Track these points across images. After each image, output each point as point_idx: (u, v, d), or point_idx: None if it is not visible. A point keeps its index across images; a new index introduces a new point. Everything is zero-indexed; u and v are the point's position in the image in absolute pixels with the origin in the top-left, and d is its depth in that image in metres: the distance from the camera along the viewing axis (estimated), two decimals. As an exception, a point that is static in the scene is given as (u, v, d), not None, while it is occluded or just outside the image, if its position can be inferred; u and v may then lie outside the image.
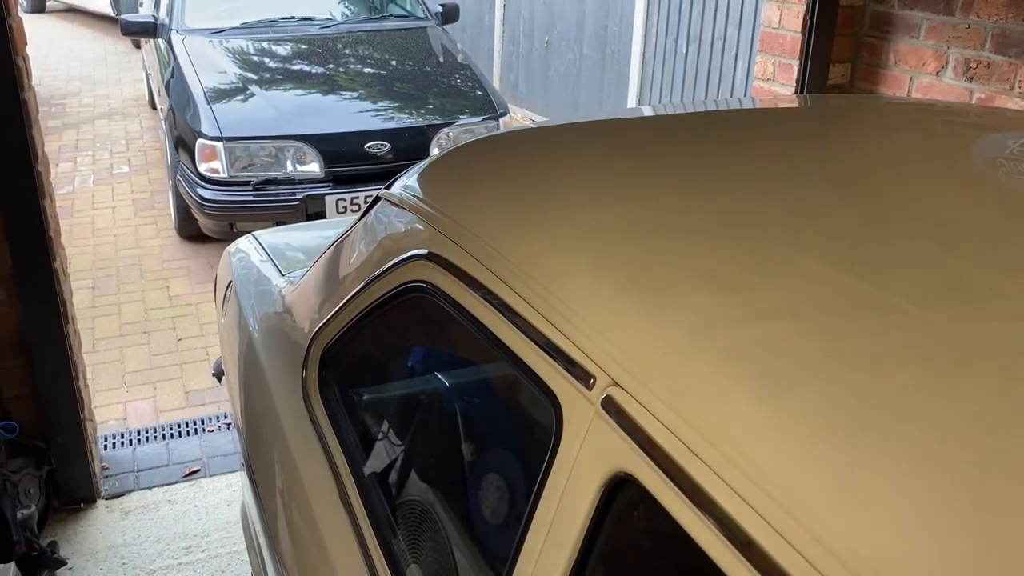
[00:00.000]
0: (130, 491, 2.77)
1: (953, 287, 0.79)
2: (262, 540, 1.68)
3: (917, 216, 0.94)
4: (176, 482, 2.83)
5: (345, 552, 1.23)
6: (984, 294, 0.78)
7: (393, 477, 1.25)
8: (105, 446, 2.98)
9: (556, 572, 0.75)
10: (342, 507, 1.28)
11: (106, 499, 2.73)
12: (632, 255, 0.87)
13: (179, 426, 3.13)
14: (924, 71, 3.07)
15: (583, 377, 0.78)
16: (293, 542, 1.45)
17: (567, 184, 1.09)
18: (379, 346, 1.31)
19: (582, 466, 0.76)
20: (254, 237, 2.26)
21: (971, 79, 2.91)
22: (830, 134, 1.34)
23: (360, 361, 1.36)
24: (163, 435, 3.08)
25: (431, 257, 1.11)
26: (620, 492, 0.73)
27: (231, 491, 2.78)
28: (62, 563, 2.42)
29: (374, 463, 1.28)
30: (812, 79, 3.27)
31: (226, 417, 3.18)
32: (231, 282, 2.10)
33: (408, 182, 1.30)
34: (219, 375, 2.32)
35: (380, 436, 1.28)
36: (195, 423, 3.15)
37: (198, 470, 2.89)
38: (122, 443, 3.03)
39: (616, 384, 0.75)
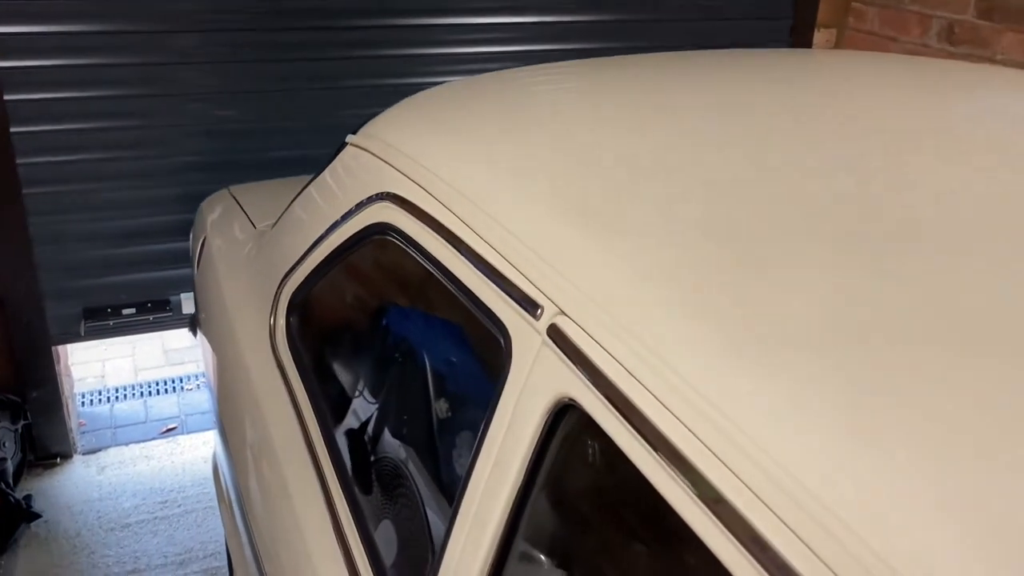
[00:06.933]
0: (107, 447, 2.77)
1: (910, 228, 0.79)
2: (232, 494, 1.68)
3: (869, 157, 0.94)
4: (153, 438, 2.83)
5: (310, 501, 1.24)
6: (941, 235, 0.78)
7: (358, 423, 1.25)
8: (83, 403, 2.98)
9: (502, 494, 0.76)
10: (307, 453, 1.28)
11: (83, 454, 2.73)
12: (582, 188, 0.87)
13: (157, 384, 3.13)
14: (909, 36, 3.06)
15: (531, 306, 0.78)
16: (261, 494, 1.45)
17: (525, 125, 1.09)
18: (344, 290, 1.31)
19: (529, 393, 0.76)
20: (228, 192, 2.24)
21: (954, 44, 2.90)
22: (808, 85, 1.34)
23: (325, 306, 1.36)
24: (141, 393, 3.08)
25: (392, 197, 1.10)
26: (564, 417, 0.73)
27: (208, 448, 2.78)
28: (37, 516, 2.42)
29: (338, 408, 1.28)
30: (797, 44, 3.26)
31: (205, 376, 3.18)
32: (205, 236, 2.09)
33: (373, 126, 1.29)
34: (194, 329, 2.32)
35: (344, 380, 1.28)
36: (173, 381, 3.15)
37: (176, 427, 2.89)
38: (99, 400, 3.03)
39: (563, 313, 0.75)
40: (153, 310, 2.66)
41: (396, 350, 1.13)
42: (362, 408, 1.22)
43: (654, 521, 0.68)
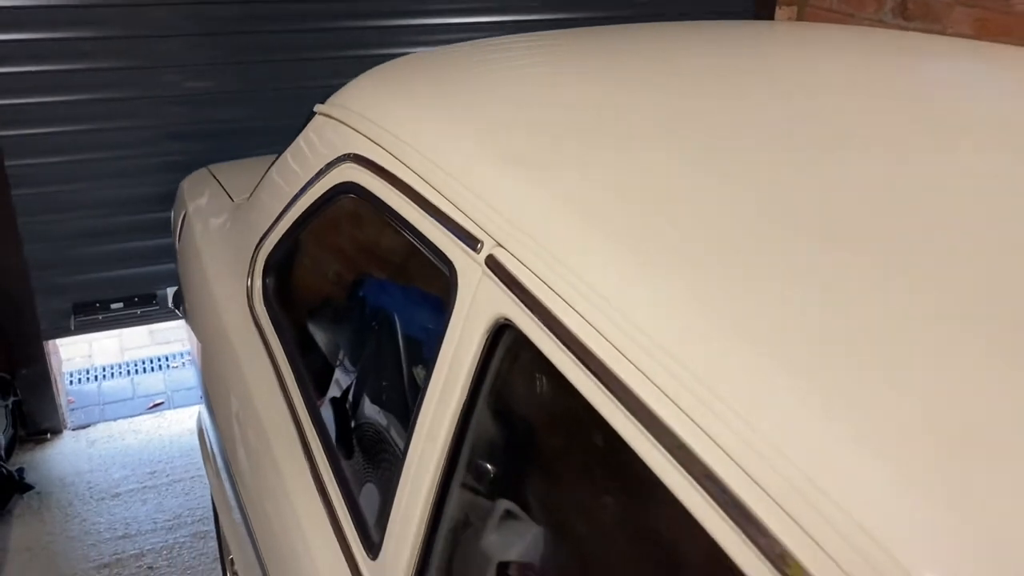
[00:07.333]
0: (96, 422, 2.86)
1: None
2: (216, 451, 1.78)
3: (777, 93, 1.05)
4: (141, 414, 2.92)
5: (289, 446, 1.33)
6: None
7: (332, 369, 1.35)
8: (71, 381, 3.06)
9: (451, 405, 0.86)
10: (285, 405, 1.38)
11: (72, 430, 2.82)
12: (520, 139, 0.97)
13: (143, 363, 3.22)
14: (865, 12, 3.17)
15: (472, 241, 0.88)
16: (243, 442, 1.54)
17: (476, 88, 1.19)
18: (315, 248, 1.41)
19: (472, 316, 0.86)
20: (207, 170, 2.33)
21: (907, 19, 3.01)
22: (753, 47, 1.44)
23: (298, 265, 1.46)
24: (128, 371, 3.17)
25: (356, 158, 1.20)
26: (502, 335, 0.83)
27: (194, 422, 2.87)
28: (29, 487, 2.51)
29: (313, 359, 1.38)
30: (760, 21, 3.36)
31: (190, 354, 3.27)
32: (186, 212, 2.18)
33: (339, 96, 1.38)
34: (178, 304, 2.41)
35: (318, 332, 1.38)
36: (159, 360, 3.24)
37: (162, 403, 2.98)
38: (88, 379, 3.11)
39: (499, 245, 0.85)
40: (140, 304, 2.78)
41: (363, 298, 1.23)
42: (335, 355, 1.31)
43: (576, 420, 0.78)
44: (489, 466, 0.88)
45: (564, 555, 0.83)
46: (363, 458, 1.15)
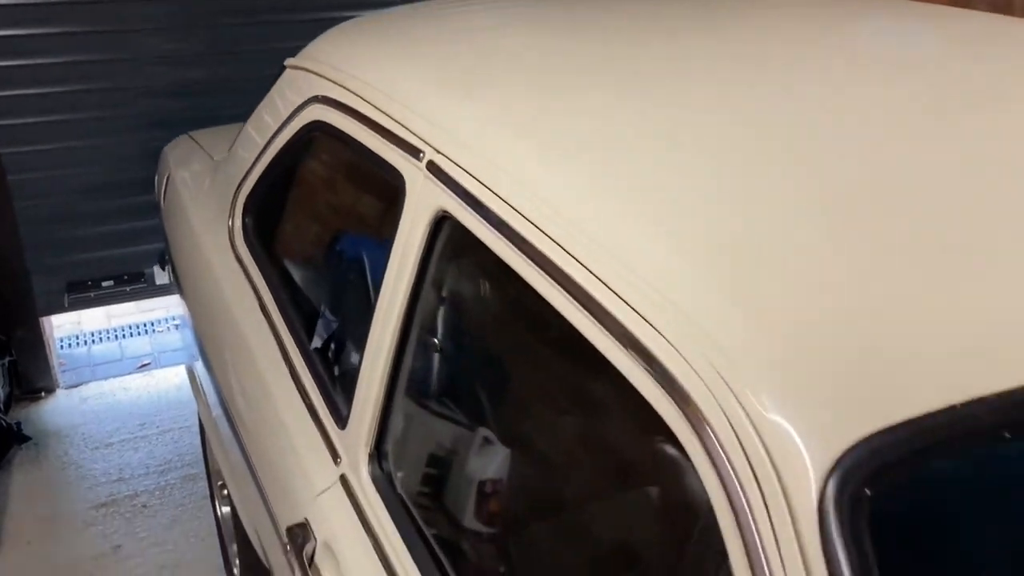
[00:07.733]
0: (87, 381, 3.03)
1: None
2: (208, 386, 1.95)
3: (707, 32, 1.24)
4: (130, 373, 3.09)
5: (273, 362, 1.50)
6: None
7: (310, 289, 1.53)
8: (62, 346, 3.21)
9: (403, 285, 1.04)
10: (269, 330, 1.55)
11: (65, 388, 2.98)
12: (455, 69, 1.16)
13: (130, 328, 3.38)
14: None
15: (415, 152, 1.06)
16: (234, 370, 1.71)
17: (421, 35, 1.38)
18: (289, 183, 1.58)
19: (417, 212, 1.05)
20: (188, 136, 2.49)
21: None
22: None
23: (274, 201, 1.63)
24: (116, 336, 3.33)
25: (322, 99, 1.37)
26: (442, 224, 1.02)
27: (181, 379, 3.03)
28: (27, 438, 2.67)
29: (289, 284, 1.56)
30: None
31: (174, 319, 3.43)
32: (169, 173, 2.34)
33: (308, 50, 1.56)
34: (163, 263, 2.57)
35: (291, 260, 1.56)
36: (146, 325, 3.40)
37: (149, 363, 3.15)
38: (78, 343, 3.27)
39: (439, 152, 1.04)
40: (129, 282, 2.97)
41: (329, 218, 1.41)
42: (309, 275, 1.49)
43: (501, 282, 0.97)
44: (435, 340, 1.06)
45: (499, 401, 1.02)
46: (334, 351, 1.33)
